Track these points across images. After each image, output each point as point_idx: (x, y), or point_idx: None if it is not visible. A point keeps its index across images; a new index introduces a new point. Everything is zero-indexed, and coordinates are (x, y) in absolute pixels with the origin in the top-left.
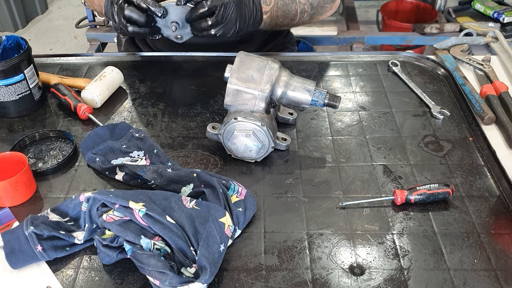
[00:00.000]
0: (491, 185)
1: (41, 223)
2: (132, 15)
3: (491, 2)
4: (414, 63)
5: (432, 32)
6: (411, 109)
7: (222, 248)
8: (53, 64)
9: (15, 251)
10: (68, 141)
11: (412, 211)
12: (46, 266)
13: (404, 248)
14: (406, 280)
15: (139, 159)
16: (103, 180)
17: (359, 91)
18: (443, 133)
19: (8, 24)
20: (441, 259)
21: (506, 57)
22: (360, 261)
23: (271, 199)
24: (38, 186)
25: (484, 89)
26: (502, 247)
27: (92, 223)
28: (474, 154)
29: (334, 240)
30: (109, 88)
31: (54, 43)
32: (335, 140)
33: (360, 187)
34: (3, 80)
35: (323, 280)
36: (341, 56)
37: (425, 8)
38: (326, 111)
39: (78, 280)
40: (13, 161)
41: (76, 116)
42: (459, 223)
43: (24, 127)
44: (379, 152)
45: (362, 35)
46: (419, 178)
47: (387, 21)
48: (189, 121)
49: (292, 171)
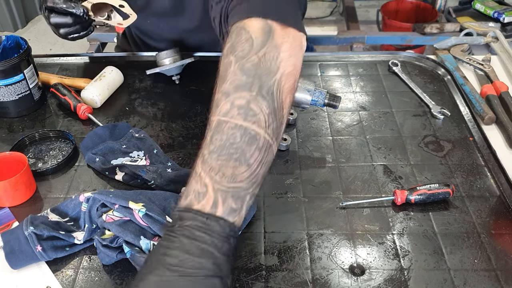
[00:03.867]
0: (491, 185)
1: (41, 223)
2: (58, 21)
3: (492, 2)
4: (414, 63)
5: (432, 32)
6: (411, 109)
7: None
8: (53, 64)
9: (15, 251)
10: (68, 141)
11: (412, 211)
12: (46, 266)
13: (404, 248)
14: (406, 280)
15: (139, 159)
16: (103, 180)
17: (359, 91)
18: (443, 133)
19: (8, 24)
20: (441, 259)
21: (506, 57)
22: (360, 261)
23: (271, 199)
24: (38, 186)
25: (484, 89)
26: (503, 247)
27: (92, 223)
28: (474, 154)
29: (334, 240)
30: (109, 88)
31: (53, 43)
32: (335, 140)
33: (360, 187)
34: (3, 80)
35: (323, 280)
36: (341, 56)
37: (425, 8)
38: (326, 111)
39: (78, 280)
40: (13, 161)
41: (76, 116)
42: (460, 223)
43: (24, 127)
44: (379, 152)
45: (362, 35)
46: (419, 178)
47: (387, 21)
48: (189, 121)
49: (292, 171)
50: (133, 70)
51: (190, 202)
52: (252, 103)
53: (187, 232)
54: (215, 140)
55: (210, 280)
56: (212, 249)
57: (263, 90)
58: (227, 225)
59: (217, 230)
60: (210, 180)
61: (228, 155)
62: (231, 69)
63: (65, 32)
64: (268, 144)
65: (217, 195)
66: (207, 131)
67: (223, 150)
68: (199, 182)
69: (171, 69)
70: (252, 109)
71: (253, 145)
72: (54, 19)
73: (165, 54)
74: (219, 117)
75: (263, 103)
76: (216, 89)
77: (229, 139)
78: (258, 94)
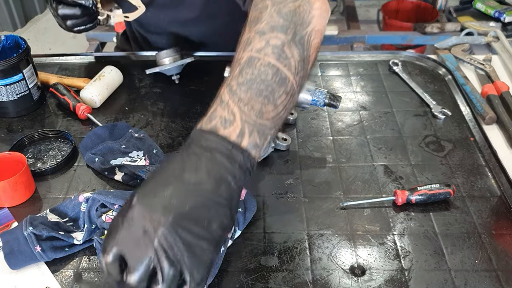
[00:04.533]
0: (492, 185)
1: (40, 224)
2: (66, 12)
3: (492, 2)
4: (415, 63)
5: (433, 32)
6: (412, 109)
7: (222, 249)
8: (52, 64)
9: (14, 251)
10: (67, 141)
11: (413, 212)
12: (45, 267)
13: (405, 248)
14: (407, 280)
15: (139, 159)
16: (102, 181)
17: (360, 90)
18: (444, 133)
19: (7, 24)
20: (442, 259)
21: (507, 56)
22: (360, 261)
23: (271, 199)
24: (37, 186)
25: (485, 88)
26: (503, 247)
27: (91, 224)
28: (475, 154)
29: (334, 240)
30: (108, 88)
31: (53, 42)
32: (336, 140)
33: (360, 187)
34: (2, 80)
35: (323, 281)
36: (342, 55)
37: (426, 8)
38: (327, 111)
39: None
40: (12, 161)
41: (75, 116)
42: (460, 223)
43: (23, 127)
44: (379, 152)
45: (362, 35)
46: (420, 178)
47: (387, 21)
48: (189, 121)
49: (293, 171)
50: (132, 69)
51: (215, 127)
52: (285, 46)
53: (210, 155)
54: (245, 73)
55: (224, 209)
56: (231, 179)
57: (296, 37)
58: (249, 159)
59: (239, 160)
60: (238, 110)
61: (258, 91)
62: (267, 12)
63: (72, 24)
64: (294, 91)
65: (244, 126)
66: (233, 66)
67: (254, 84)
68: (227, 110)
69: (171, 68)
70: (285, 51)
71: (282, 86)
72: (63, 11)
73: (165, 53)
74: (252, 53)
75: (295, 50)
76: (244, 32)
77: (260, 75)
78: (292, 40)
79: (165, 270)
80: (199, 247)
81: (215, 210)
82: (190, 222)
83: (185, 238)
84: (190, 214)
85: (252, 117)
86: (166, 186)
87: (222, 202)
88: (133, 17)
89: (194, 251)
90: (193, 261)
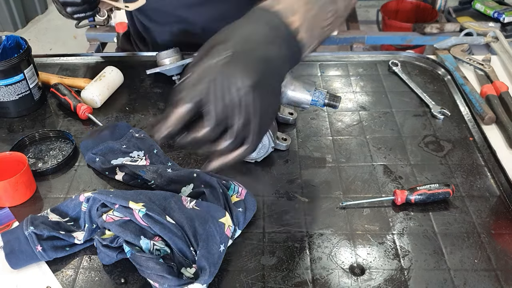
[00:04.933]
0: (491, 185)
1: (41, 223)
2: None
3: (492, 2)
4: (414, 63)
5: (432, 32)
6: (411, 109)
7: (222, 249)
8: (53, 64)
9: (15, 251)
10: (68, 141)
11: (412, 211)
12: (46, 266)
13: (405, 248)
14: (406, 280)
15: (139, 159)
16: (103, 180)
17: (359, 91)
18: (443, 133)
19: (8, 24)
20: (441, 259)
21: (506, 57)
22: (360, 261)
23: (271, 199)
24: (38, 186)
25: (485, 89)
26: (503, 247)
27: (92, 223)
28: (474, 154)
29: (334, 240)
30: (109, 88)
31: (54, 43)
32: (335, 140)
33: (360, 187)
34: (3, 80)
35: (323, 280)
36: (341, 56)
37: (425, 8)
38: (326, 111)
39: (78, 280)
40: (13, 161)
41: (76, 116)
42: (460, 223)
43: (24, 127)
44: (379, 152)
45: (362, 35)
46: (419, 178)
47: (387, 21)
48: None
49: (292, 171)
50: (133, 70)
51: (282, 14)
52: None
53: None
54: None
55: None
56: (285, 63)
57: None
58: (304, 49)
59: (294, 49)
60: (298, 6)
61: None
62: None
63: (72, 11)
64: (339, 13)
65: (305, 20)
66: None
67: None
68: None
69: (171, 69)
70: None
71: (332, 4)
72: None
73: (165, 54)
74: None
75: None
76: None
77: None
78: None
79: (238, 127)
80: (269, 113)
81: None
82: (268, 89)
83: (262, 104)
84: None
85: (309, 15)
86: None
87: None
88: (133, 7)
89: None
90: (260, 126)
